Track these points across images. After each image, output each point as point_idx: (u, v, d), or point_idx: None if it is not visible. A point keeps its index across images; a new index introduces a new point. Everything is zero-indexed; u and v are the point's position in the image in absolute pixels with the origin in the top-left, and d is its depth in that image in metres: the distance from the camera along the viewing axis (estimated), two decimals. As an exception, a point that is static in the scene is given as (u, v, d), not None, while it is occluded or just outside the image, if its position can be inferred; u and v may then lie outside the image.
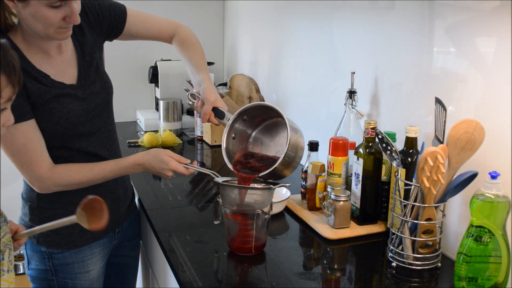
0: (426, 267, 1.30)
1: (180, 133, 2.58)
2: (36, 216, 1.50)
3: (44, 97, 1.37)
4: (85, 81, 1.46)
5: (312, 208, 1.61)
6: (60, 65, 1.43)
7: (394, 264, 1.32)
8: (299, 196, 1.70)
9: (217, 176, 1.45)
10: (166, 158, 1.48)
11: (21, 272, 2.82)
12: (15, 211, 1.60)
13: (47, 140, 1.42)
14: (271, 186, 1.37)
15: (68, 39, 1.42)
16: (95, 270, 1.58)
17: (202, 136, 2.47)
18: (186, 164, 1.50)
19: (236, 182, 1.41)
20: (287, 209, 1.65)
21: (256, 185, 1.42)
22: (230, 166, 1.47)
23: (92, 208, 1.22)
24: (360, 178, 1.48)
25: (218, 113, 1.52)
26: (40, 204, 1.49)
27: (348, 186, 1.60)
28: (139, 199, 1.77)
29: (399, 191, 1.34)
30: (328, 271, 1.35)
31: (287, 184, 1.43)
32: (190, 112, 2.80)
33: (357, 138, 1.64)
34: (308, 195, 1.61)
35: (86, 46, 1.49)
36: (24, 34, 1.36)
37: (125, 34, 1.60)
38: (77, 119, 1.42)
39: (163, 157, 1.48)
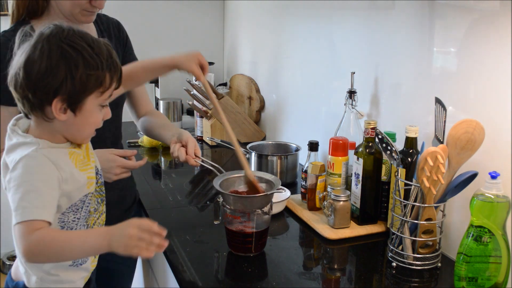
0: (426, 267, 1.30)
1: (180, 133, 2.57)
2: None
3: None
4: None
5: (312, 208, 1.61)
6: None
7: (394, 264, 1.32)
8: (299, 196, 1.70)
9: (222, 172, 1.45)
10: (111, 156, 1.42)
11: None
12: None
13: None
14: (270, 191, 1.38)
15: (93, 30, 1.55)
16: None
17: (202, 136, 2.47)
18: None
19: (236, 176, 1.43)
20: (287, 209, 1.65)
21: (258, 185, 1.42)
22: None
23: None
24: (360, 178, 1.48)
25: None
26: None
27: (348, 186, 1.60)
28: (139, 200, 1.77)
29: (399, 191, 1.34)
30: (328, 271, 1.35)
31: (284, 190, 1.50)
32: (190, 112, 2.80)
33: (357, 138, 1.64)
34: (308, 195, 1.61)
35: None
36: (50, 18, 1.45)
37: None
38: None
39: (108, 156, 1.42)
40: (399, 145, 1.43)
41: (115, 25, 1.65)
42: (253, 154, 1.92)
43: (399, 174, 1.35)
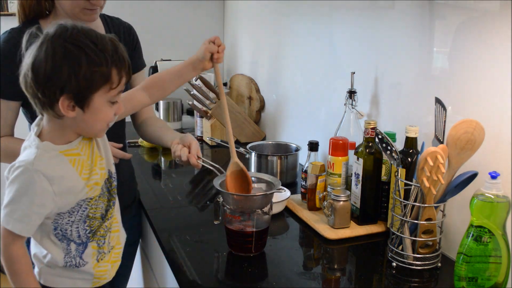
0: (426, 267, 1.30)
1: (180, 133, 2.57)
2: None
3: None
4: None
5: (312, 208, 1.61)
6: None
7: (394, 264, 1.32)
8: (299, 196, 1.70)
9: (222, 172, 1.45)
10: None
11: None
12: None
13: None
14: (270, 191, 1.38)
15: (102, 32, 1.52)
16: None
17: (202, 136, 2.46)
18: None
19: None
20: (287, 209, 1.65)
21: (255, 185, 1.42)
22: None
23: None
24: (360, 178, 1.48)
25: None
26: None
27: (348, 186, 1.60)
28: (139, 200, 1.76)
29: (399, 191, 1.34)
30: (328, 271, 1.35)
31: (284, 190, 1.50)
32: (190, 112, 2.80)
33: (357, 138, 1.64)
34: (308, 195, 1.61)
35: None
36: (57, 18, 1.47)
37: None
38: None
39: None
40: (399, 145, 1.43)
41: (126, 29, 1.66)
42: (253, 154, 1.92)
43: (399, 174, 1.35)
